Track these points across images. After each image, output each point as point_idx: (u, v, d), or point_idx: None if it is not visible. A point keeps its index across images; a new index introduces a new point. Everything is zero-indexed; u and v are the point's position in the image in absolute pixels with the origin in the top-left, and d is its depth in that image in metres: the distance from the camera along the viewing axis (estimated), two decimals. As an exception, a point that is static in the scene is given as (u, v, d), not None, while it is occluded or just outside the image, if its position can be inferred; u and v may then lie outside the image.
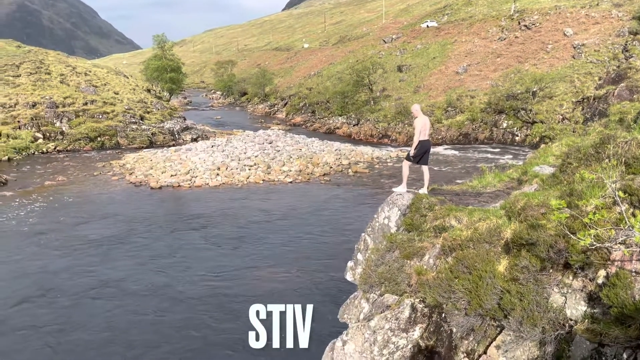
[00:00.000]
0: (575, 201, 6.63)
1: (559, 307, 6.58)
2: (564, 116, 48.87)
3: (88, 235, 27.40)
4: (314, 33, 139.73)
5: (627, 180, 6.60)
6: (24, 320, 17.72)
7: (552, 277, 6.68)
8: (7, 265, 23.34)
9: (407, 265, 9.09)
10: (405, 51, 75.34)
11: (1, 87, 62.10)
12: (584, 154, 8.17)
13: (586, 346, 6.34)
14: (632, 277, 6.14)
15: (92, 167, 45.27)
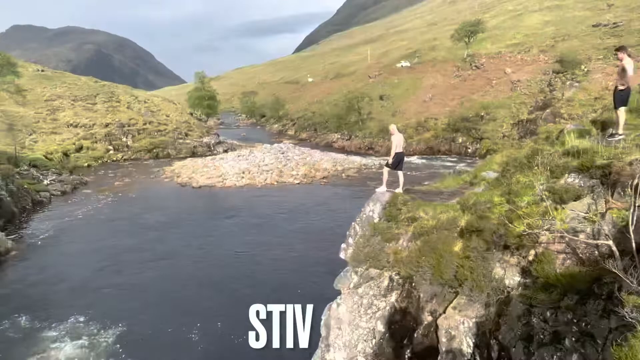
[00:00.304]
0: (513, 198, 6.72)
1: (500, 278, 6.64)
2: (504, 134, 49.05)
3: (147, 221, 27.83)
4: (316, 70, 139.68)
5: (551, 183, 6.67)
6: (102, 282, 18.71)
7: (495, 256, 6.75)
8: (89, 243, 24.17)
9: (386, 247, 9.13)
10: (385, 84, 75.28)
11: (84, 111, 62.31)
12: (519, 163, 8.23)
13: (520, 307, 6.39)
14: (555, 255, 6.20)
15: (149, 171, 45.42)
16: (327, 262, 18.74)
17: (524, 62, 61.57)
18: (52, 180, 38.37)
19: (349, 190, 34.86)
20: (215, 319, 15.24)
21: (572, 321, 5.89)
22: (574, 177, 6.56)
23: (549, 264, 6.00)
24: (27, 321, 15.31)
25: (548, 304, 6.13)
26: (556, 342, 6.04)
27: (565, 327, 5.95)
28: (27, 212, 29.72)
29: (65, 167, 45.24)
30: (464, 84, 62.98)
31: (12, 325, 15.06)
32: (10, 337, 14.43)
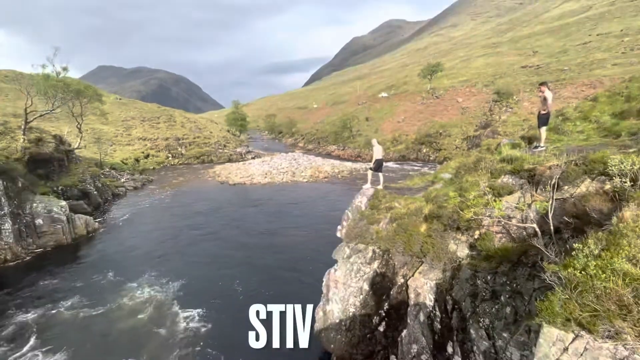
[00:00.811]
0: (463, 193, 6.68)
1: (453, 251, 6.62)
2: (456, 146, 48.73)
3: (197, 208, 27.72)
4: (319, 99, 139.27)
5: (491, 182, 6.64)
6: (166, 250, 19.06)
7: (450, 235, 6.72)
8: (155, 224, 24.32)
9: (370, 228, 9.11)
10: (370, 109, 74.93)
11: (150, 129, 62.32)
12: (468, 167, 8.19)
13: (468, 272, 6.37)
14: (493, 235, 6.18)
15: (198, 173, 45.37)
16: (327, 239, 18.74)
17: (471, 93, 61.22)
18: (127, 179, 38.43)
19: (343, 186, 34.77)
20: (249, 274, 15.71)
21: (506, 283, 5.89)
22: (508, 177, 6.54)
23: (490, 241, 5.99)
24: (114, 276, 15.83)
25: (488, 270, 6.12)
26: (494, 298, 6.04)
27: (501, 287, 5.95)
28: (109, 202, 29.77)
29: (136, 169, 45.31)
30: (427, 109, 62.69)
31: (103, 279, 15.65)
32: (104, 287, 15.01)
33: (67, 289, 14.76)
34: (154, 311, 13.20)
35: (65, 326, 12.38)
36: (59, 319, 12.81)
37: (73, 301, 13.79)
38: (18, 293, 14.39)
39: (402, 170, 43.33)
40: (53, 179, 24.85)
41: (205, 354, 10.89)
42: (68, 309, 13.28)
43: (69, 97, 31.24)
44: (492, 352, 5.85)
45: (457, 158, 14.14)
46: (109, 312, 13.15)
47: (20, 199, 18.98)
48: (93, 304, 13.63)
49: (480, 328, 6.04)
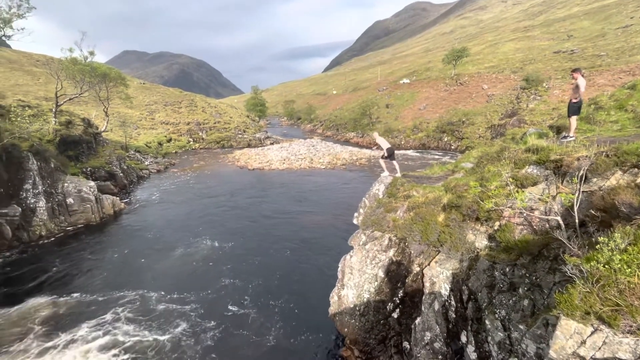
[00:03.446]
0: (484, 183, 6.54)
1: (471, 242, 6.54)
2: (479, 135, 47.14)
3: (217, 190, 28.61)
4: (339, 85, 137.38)
5: (515, 172, 6.46)
6: (189, 226, 20.48)
7: (469, 225, 6.63)
8: (178, 203, 25.31)
9: (387, 216, 9.09)
10: (390, 96, 73.39)
11: (172, 113, 63.63)
12: (490, 156, 7.97)
13: (485, 263, 6.30)
14: (514, 226, 6.06)
15: (218, 157, 46.22)
16: (343, 225, 18.89)
17: (498, 80, 58.68)
18: (150, 162, 39.70)
19: (361, 174, 34.61)
20: (266, 253, 16.62)
21: (525, 275, 5.80)
22: (533, 168, 6.33)
23: (510, 232, 5.87)
24: (142, 249, 17.21)
25: (507, 262, 6.03)
26: (512, 290, 5.97)
27: (519, 279, 5.86)
28: (134, 183, 30.95)
29: (159, 152, 46.65)
30: (450, 97, 60.70)
31: (131, 252, 17.01)
32: (132, 259, 16.35)
33: (99, 262, 15.95)
34: (178, 279, 14.25)
35: (101, 292, 13.41)
36: (95, 286, 13.94)
37: (105, 272, 14.98)
38: (56, 265, 15.61)
39: (421, 158, 42.54)
40: (82, 160, 26.02)
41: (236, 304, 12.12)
42: (102, 279, 14.44)
43: (96, 81, 32.25)
44: (507, 344, 5.83)
45: (479, 147, 13.74)
46: (139, 282, 14.14)
47: (53, 178, 20.04)
48: (124, 275, 14.70)
49: (496, 319, 6.01)
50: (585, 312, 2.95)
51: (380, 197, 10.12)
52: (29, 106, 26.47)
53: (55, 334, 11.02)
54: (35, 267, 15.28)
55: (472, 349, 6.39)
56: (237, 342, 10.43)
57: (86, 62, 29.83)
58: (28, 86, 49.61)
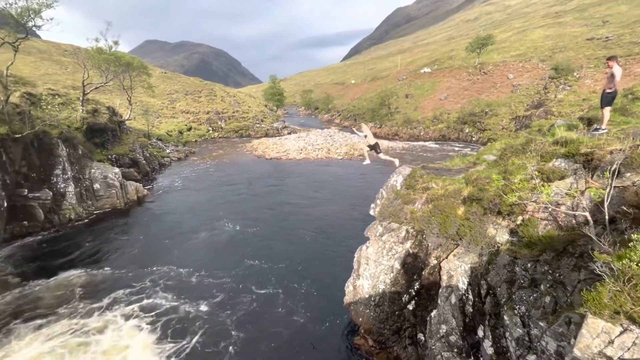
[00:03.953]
0: (508, 176, 6.33)
1: (492, 236, 6.39)
2: (503, 127, 45.48)
3: (236, 178, 29.20)
4: (358, 74, 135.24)
5: (541, 165, 6.21)
6: (210, 210, 21.43)
7: (490, 219, 6.47)
8: (198, 190, 25.98)
9: (405, 207, 8.99)
10: (410, 86, 71.72)
11: (192, 102, 64.67)
12: (515, 149, 7.69)
13: (506, 258, 6.16)
14: (538, 221, 5.87)
15: (236, 146, 46.81)
16: (359, 216, 18.87)
17: (524, 69, 56.14)
18: (172, 150, 40.68)
19: (378, 165, 34.13)
20: (284, 239, 17.22)
21: (547, 272, 5.63)
22: (561, 161, 6.05)
23: (533, 227, 5.69)
24: (167, 232, 18.21)
25: (529, 258, 5.86)
26: (533, 286, 5.81)
27: (541, 275, 5.70)
28: (156, 171, 31.86)
29: (179, 141, 47.67)
30: (473, 86, 58.68)
31: (156, 234, 18.03)
32: (158, 240, 17.35)
33: (127, 242, 17.00)
34: (204, 259, 15.17)
35: (133, 267, 14.45)
36: (125, 261, 15.01)
37: (134, 250, 16.10)
38: (87, 244, 16.71)
39: (441, 150, 41.60)
40: (107, 147, 26.94)
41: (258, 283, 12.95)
42: (131, 256, 15.54)
43: (120, 70, 33.06)
44: (526, 340, 5.71)
45: (503, 139, 13.26)
46: (168, 259, 15.06)
47: (81, 164, 20.88)
48: (152, 253, 15.74)
49: (515, 315, 5.89)
50: (615, 311, 2.83)
51: (398, 188, 10.00)
52: (58, 95, 27.51)
53: (97, 298, 12.21)
54: (68, 245, 16.41)
55: (489, 343, 6.31)
56: (268, 319, 11.04)
57: (111, 52, 30.58)
58: (57, 75, 51.49)
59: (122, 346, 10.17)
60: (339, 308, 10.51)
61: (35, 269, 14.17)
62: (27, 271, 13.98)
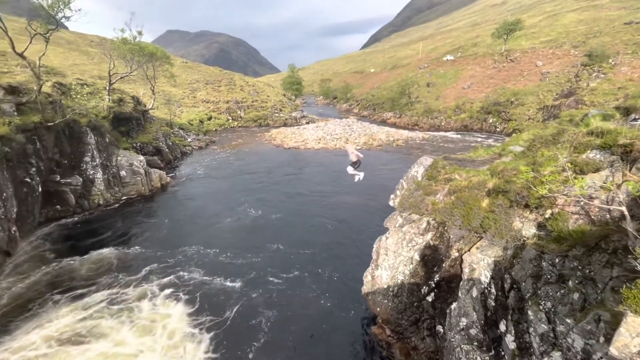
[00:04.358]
0: (537, 168, 6.07)
1: (518, 229, 6.20)
2: (529, 117, 43.66)
3: (255, 167, 29.60)
4: (377, 63, 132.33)
5: (574, 157, 5.91)
6: (231, 196, 22.28)
7: (516, 212, 6.27)
8: (219, 178, 26.63)
9: (426, 199, 8.84)
10: (432, 74, 69.64)
11: (212, 92, 65.39)
12: (545, 139, 7.36)
13: (532, 252, 5.98)
14: (569, 215, 5.63)
15: (255, 136, 47.17)
16: (378, 206, 18.77)
17: (555, 56, 53.25)
18: (193, 139, 41.50)
19: (397, 155, 33.77)
20: (305, 220, 18.07)
21: (577, 268, 5.43)
22: (596, 153, 5.74)
23: (563, 221, 5.46)
24: (191, 216, 19.11)
25: (557, 252, 5.66)
26: (561, 282, 5.63)
27: (570, 271, 5.50)
28: (178, 159, 32.66)
29: (200, 130, 48.50)
30: (499, 74, 56.30)
31: (182, 218, 18.97)
32: (183, 223, 18.24)
33: (154, 225, 17.93)
34: (230, 241, 15.97)
35: (162, 246, 15.44)
36: (154, 241, 15.98)
37: (162, 232, 17.09)
38: (117, 226, 17.74)
39: (462, 141, 40.47)
40: (132, 135, 27.78)
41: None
42: (159, 237, 16.56)
43: (144, 60, 33.75)
44: (551, 337, 5.56)
45: (530, 130, 12.71)
46: (194, 241, 15.93)
47: (108, 152, 21.67)
48: (179, 235, 16.67)
49: (540, 311, 5.73)
50: (655, 311, 2.69)
51: (419, 179, 9.82)
52: (86, 84, 28.48)
53: (132, 272, 13.23)
54: (99, 227, 17.43)
55: (511, 338, 6.19)
56: (295, 301, 11.53)
57: (135, 42, 31.22)
58: (84, 65, 53.16)
59: (163, 314, 10.99)
60: (358, 296, 10.59)
61: (70, 247, 15.25)
62: (63, 249, 15.07)
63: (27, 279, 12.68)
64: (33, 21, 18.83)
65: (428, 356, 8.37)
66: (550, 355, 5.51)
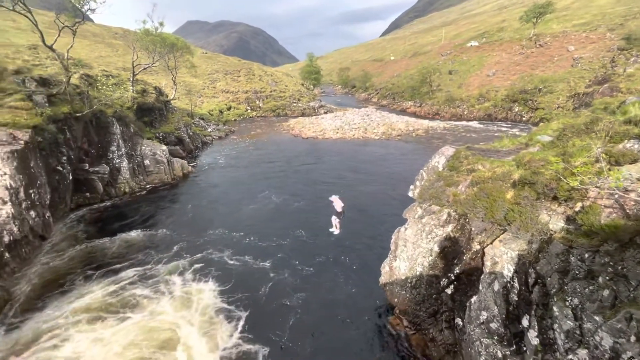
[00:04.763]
0: (568, 158, 5.77)
1: (545, 222, 5.96)
2: (559, 105, 41.53)
3: (275, 157, 29.90)
4: (397, 50, 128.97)
5: (609, 147, 5.58)
6: (251, 184, 23.01)
7: (543, 204, 6.02)
8: (239, 167, 27.11)
9: (447, 190, 8.64)
10: (455, 61, 67.20)
11: (232, 82, 65.90)
12: (577, 128, 6.96)
13: (560, 247, 5.75)
14: (601, 209, 5.35)
15: (273, 125, 47.35)
16: (397, 197, 18.57)
17: (588, 40, 50.09)
18: (213, 129, 42.15)
19: (417, 145, 33.09)
20: (325, 208, 17.72)
21: (608, 264, 5.18)
22: (634, 143, 5.39)
23: (595, 215, 5.19)
24: (214, 203, 19.90)
25: (587, 247, 5.41)
26: (590, 278, 5.40)
27: (600, 267, 5.26)
28: (199, 149, 33.35)
29: (220, 120, 49.16)
30: (526, 61, 53.64)
31: (205, 205, 19.64)
32: (207, 209, 18.88)
33: (180, 210, 18.79)
34: (254, 226, 16.56)
35: (189, 229, 16.19)
36: (181, 225, 16.85)
37: (188, 216, 17.95)
38: (144, 210, 18.65)
39: (485, 131, 39.13)
40: (155, 126, 28.51)
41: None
42: (185, 221, 17.47)
43: (165, 50, 34.32)
44: (577, 334, 5.37)
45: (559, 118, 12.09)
46: (219, 225, 16.69)
47: (133, 142, 22.36)
48: (203, 219, 17.43)
49: (566, 307, 5.53)
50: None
51: (440, 170, 9.59)
52: (111, 75, 29.32)
53: (161, 251, 14.10)
54: (127, 212, 18.39)
55: (534, 334, 6.03)
56: (321, 285, 11.86)
57: (157, 33, 31.73)
58: (109, 57, 54.69)
59: (196, 289, 11.65)
60: (375, 286, 10.59)
61: (101, 229, 16.27)
62: (94, 231, 16.09)
63: (63, 256, 13.78)
64: (61, 14, 19.43)
65: (446, 348, 8.31)
66: (575, 353, 5.34)
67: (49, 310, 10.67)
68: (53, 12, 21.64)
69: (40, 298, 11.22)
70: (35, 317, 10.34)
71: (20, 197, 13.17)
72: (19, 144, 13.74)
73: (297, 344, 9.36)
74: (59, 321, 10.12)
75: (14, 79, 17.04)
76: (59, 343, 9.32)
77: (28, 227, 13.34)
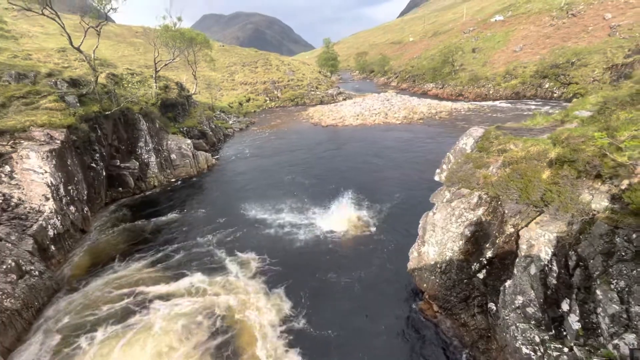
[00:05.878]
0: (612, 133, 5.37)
1: (587, 202, 5.63)
2: (594, 79, 38.76)
3: (296, 145, 30.11)
4: (416, 31, 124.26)
5: (660, 119, 5.14)
6: (276, 172, 22.55)
7: (585, 183, 5.67)
8: (262, 156, 27.60)
9: (477, 172, 8.34)
10: (478, 38, 64.00)
11: (250, 73, 66.17)
12: (621, 101, 6.46)
13: (604, 227, 5.44)
14: (651, 186, 4.98)
15: (292, 115, 47.33)
16: (423, 182, 18.23)
17: (628, 5, 46.11)
18: (234, 121, 42.68)
19: (441, 128, 32.11)
20: (352, 190, 18.17)
21: (659, 244, 4.84)
22: (689, 113, 4.94)
23: (644, 193, 4.84)
24: (242, 190, 20.77)
25: (635, 227, 5.08)
26: (637, 260, 5.08)
27: (650, 248, 4.93)
28: (221, 141, 33.94)
29: (240, 112, 49.65)
30: (557, 33, 50.27)
31: (234, 192, 20.53)
32: (236, 196, 19.71)
33: (210, 198, 19.79)
34: (285, 208, 17.37)
35: (222, 213, 17.36)
36: (214, 209, 18.03)
37: (220, 202, 18.98)
38: (175, 199, 19.62)
39: (513, 110, 37.34)
40: (179, 120, 29.22)
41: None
42: (217, 206, 18.53)
43: (184, 45, 34.81)
44: (624, 318, 5.11)
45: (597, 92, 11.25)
46: (251, 208, 17.66)
47: (159, 137, 23.06)
48: (234, 205, 18.25)
49: (611, 290, 5.26)
50: None
51: (468, 152, 9.25)
52: (135, 73, 30.16)
53: (197, 232, 15.31)
54: (159, 201, 19.50)
55: (576, 318, 5.79)
56: (355, 266, 12.26)
57: (175, 29, 32.18)
58: (131, 56, 56.18)
59: (237, 261, 12.97)
60: (403, 272, 10.51)
61: (137, 216, 17.52)
62: (132, 217, 17.39)
63: (107, 236, 15.32)
64: (85, 16, 20.06)
65: (479, 333, 8.17)
66: (622, 337, 5.09)
67: (103, 275, 12.59)
68: (78, 15, 22.37)
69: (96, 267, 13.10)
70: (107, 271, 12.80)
71: (60, 194, 13.97)
72: (55, 143, 14.49)
73: (321, 318, 9.94)
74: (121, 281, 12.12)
75: (47, 82, 17.88)
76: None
77: (69, 222, 14.18)
